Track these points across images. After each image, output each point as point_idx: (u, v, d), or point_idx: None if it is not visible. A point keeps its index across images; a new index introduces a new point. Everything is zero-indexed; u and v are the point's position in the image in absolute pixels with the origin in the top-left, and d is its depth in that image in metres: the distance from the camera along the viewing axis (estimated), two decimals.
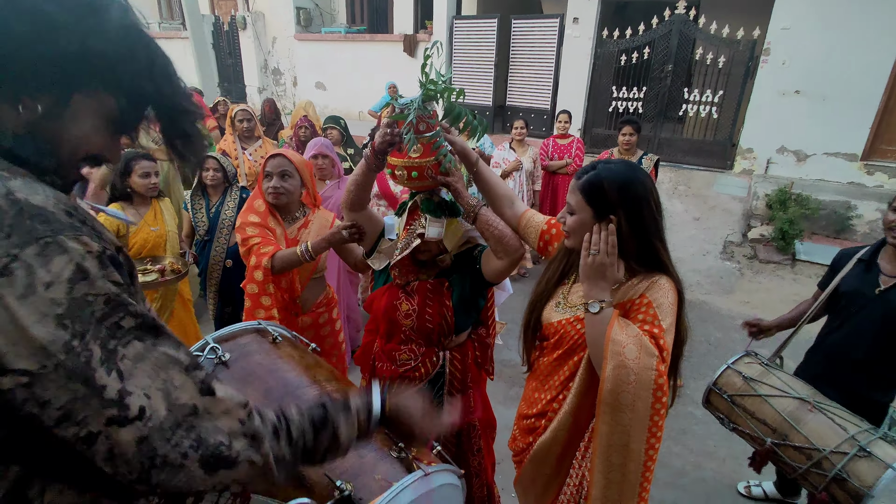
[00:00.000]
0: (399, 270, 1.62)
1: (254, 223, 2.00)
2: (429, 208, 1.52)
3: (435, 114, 1.45)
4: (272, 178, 2.05)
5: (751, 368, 1.70)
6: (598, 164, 1.26)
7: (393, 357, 1.67)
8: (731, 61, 6.45)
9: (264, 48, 11.00)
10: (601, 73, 7.50)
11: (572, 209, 1.28)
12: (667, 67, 6.95)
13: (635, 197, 1.20)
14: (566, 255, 1.38)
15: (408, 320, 1.62)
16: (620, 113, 7.43)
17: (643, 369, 1.07)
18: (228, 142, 3.94)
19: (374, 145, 1.47)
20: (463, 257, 1.64)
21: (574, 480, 1.27)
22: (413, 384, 1.65)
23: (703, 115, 6.81)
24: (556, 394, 1.32)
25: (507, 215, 1.54)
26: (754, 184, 6.21)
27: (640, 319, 1.16)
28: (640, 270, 1.24)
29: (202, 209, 3.11)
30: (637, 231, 1.20)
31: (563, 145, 4.80)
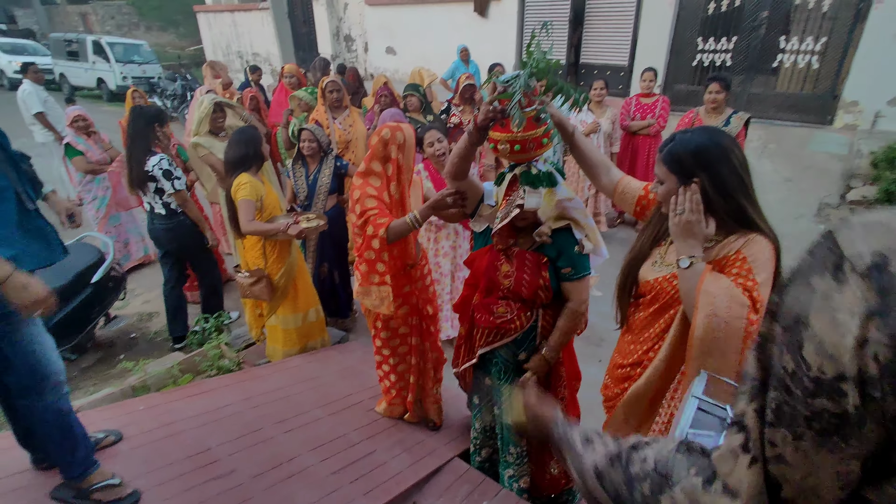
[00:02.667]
0: (500, 236, 1.74)
1: (371, 195, 2.12)
2: (528, 180, 1.61)
3: (537, 89, 1.50)
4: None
5: None
6: (676, 135, 1.34)
7: (490, 309, 1.83)
8: (838, 4, 5.83)
9: (336, 15, 11.21)
10: (686, 23, 7.02)
11: (661, 179, 1.37)
12: (762, 14, 6.40)
13: (712, 159, 1.26)
14: (661, 218, 1.46)
15: (506, 280, 1.77)
16: (706, 67, 6.98)
17: (733, 318, 1.15)
18: (320, 112, 4.22)
19: (476, 120, 1.54)
20: (562, 235, 1.73)
21: (662, 418, 1.40)
22: (508, 335, 1.83)
23: (801, 65, 6.25)
24: (652, 345, 1.44)
25: (602, 182, 1.63)
26: (858, 140, 5.70)
27: (735, 273, 1.23)
28: (736, 229, 1.29)
29: (302, 176, 3.43)
30: (721, 190, 1.26)
31: (647, 104, 4.65)
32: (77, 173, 4.64)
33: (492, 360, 1.96)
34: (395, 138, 2.13)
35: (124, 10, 22.95)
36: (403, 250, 2.23)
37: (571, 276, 1.74)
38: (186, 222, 3.48)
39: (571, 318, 1.80)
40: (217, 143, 3.83)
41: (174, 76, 12.98)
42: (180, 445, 2.15)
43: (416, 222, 2.03)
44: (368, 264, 2.14)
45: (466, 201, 1.84)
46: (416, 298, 2.37)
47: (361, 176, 2.19)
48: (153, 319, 4.36)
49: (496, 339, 1.86)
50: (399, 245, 2.18)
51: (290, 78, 5.38)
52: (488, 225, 1.85)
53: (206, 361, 3.05)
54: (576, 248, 1.72)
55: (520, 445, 2.03)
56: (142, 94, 5.22)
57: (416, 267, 2.33)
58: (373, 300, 2.17)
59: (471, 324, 1.96)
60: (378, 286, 2.14)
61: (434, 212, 1.97)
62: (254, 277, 2.96)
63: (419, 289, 2.39)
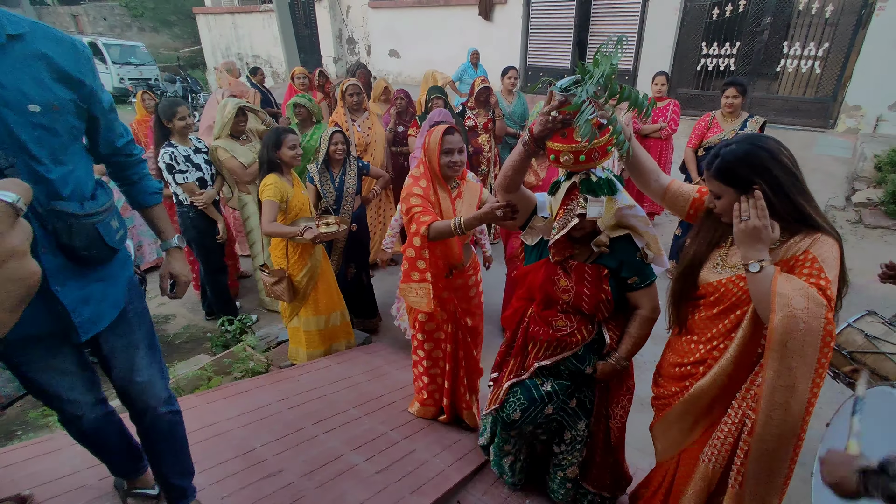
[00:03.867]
0: (556, 248, 1.68)
1: (417, 195, 2.14)
2: (589, 188, 1.54)
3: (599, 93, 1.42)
4: (453, 153, 2.17)
5: (873, 327, 1.77)
6: (720, 150, 1.37)
7: (549, 322, 1.77)
8: (839, 10, 5.97)
9: (339, 18, 11.23)
10: (690, 28, 7.15)
11: (717, 194, 1.39)
12: (765, 20, 6.53)
13: (766, 164, 1.29)
14: (714, 222, 1.48)
15: (566, 295, 1.71)
16: (710, 71, 7.11)
17: (812, 318, 1.17)
18: (339, 114, 4.24)
19: (532, 131, 1.47)
20: (621, 244, 1.67)
21: (733, 419, 1.42)
22: (568, 348, 1.77)
23: (803, 70, 6.39)
24: (717, 343, 1.45)
25: (652, 187, 1.63)
26: (861, 144, 5.83)
27: (806, 273, 1.25)
28: (799, 229, 1.31)
29: (328, 181, 3.44)
30: (779, 192, 1.29)
31: (659, 108, 4.72)
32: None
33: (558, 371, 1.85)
34: (426, 142, 2.17)
35: (116, 11, 22.73)
36: (445, 252, 2.22)
37: (639, 285, 1.70)
38: (190, 214, 3.65)
39: (645, 326, 1.75)
40: (238, 146, 3.83)
41: (173, 78, 12.94)
42: (228, 445, 2.16)
43: (459, 229, 1.98)
44: (409, 261, 2.15)
45: (517, 214, 1.77)
46: (454, 307, 2.36)
47: (412, 176, 2.22)
48: (170, 322, 4.35)
49: (556, 352, 1.79)
50: (441, 246, 2.17)
51: (302, 79, 5.40)
52: (541, 237, 1.79)
53: (236, 363, 3.05)
54: (638, 254, 1.67)
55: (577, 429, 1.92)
56: (152, 97, 5.19)
57: (459, 274, 2.31)
58: (413, 297, 2.18)
59: (524, 337, 1.89)
60: (418, 283, 2.15)
61: (481, 223, 1.92)
62: (275, 277, 2.98)
63: (459, 297, 2.37)
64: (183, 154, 3.55)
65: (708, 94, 7.17)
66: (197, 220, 3.66)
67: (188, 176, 3.53)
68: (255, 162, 3.80)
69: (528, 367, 1.87)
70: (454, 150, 2.16)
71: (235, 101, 3.79)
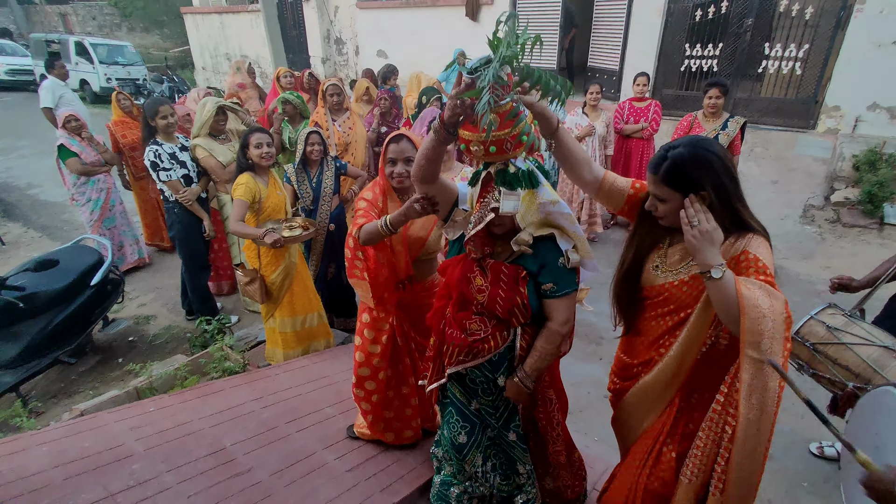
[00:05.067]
0: (474, 244, 1.54)
1: (366, 199, 2.05)
2: (504, 180, 1.42)
3: (510, 77, 1.29)
4: (396, 163, 2.00)
5: (834, 319, 1.81)
6: (668, 152, 1.33)
7: (463, 326, 1.63)
8: (819, 12, 6.04)
9: (327, 18, 11.21)
10: (674, 29, 7.19)
11: (661, 198, 1.35)
12: (747, 21, 6.59)
13: (714, 169, 1.28)
14: (653, 224, 1.45)
15: (480, 295, 1.57)
16: (693, 72, 7.16)
17: (776, 314, 1.19)
18: (320, 114, 4.24)
19: (443, 117, 1.36)
20: (546, 245, 1.55)
21: (714, 429, 1.38)
22: (480, 355, 1.61)
23: (784, 71, 6.45)
24: (663, 342, 1.47)
25: (586, 179, 1.53)
26: (840, 144, 5.90)
27: (753, 272, 1.27)
28: (733, 231, 1.33)
29: (305, 181, 3.45)
30: (722, 198, 1.29)
31: (640, 108, 4.77)
32: (70, 175, 4.59)
33: (474, 381, 1.73)
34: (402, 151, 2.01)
35: (106, 10, 22.57)
36: (390, 261, 2.06)
37: (553, 293, 1.55)
38: (176, 210, 3.67)
39: (551, 340, 1.59)
40: (217, 145, 3.83)
41: (161, 78, 12.85)
42: (198, 444, 2.16)
43: (387, 228, 1.82)
44: (348, 262, 2.08)
45: (437, 206, 1.64)
46: (403, 328, 2.17)
47: (373, 181, 2.15)
48: (151, 323, 4.33)
49: (468, 359, 1.64)
50: (383, 252, 2.02)
51: (287, 78, 5.39)
52: (463, 232, 1.64)
53: (211, 363, 3.05)
54: (560, 260, 1.53)
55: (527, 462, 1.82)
56: (127, 97, 5.15)
57: (410, 291, 2.13)
58: (362, 291, 2.09)
59: (441, 339, 1.75)
60: (358, 280, 2.08)
61: (405, 218, 1.78)
62: (248, 277, 2.98)
63: (412, 317, 2.18)
64: (168, 151, 3.56)
65: (692, 95, 7.22)
66: (182, 217, 3.68)
67: (172, 173, 3.54)
68: (234, 161, 3.81)
69: (444, 374, 1.74)
70: (397, 160, 2.00)
71: (215, 100, 3.79)
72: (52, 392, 3.44)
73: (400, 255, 2.06)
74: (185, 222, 3.73)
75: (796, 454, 2.74)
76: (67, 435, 2.12)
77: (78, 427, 2.19)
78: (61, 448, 2.03)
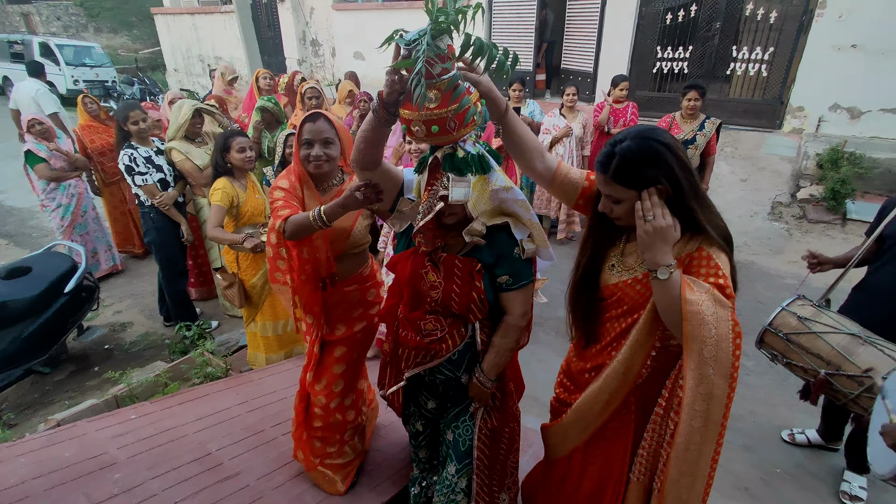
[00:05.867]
0: (423, 236, 1.42)
1: (282, 188, 1.79)
2: (452, 165, 1.29)
3: (451, 49, 1.19)
4: (313, 145, 1.76)
5: (803, 309, 1.90)
6: (615, 149, 1.20)
7: (418, 326, 1.52)
8: (783, 16, 6.28)
9: (302, 20, 11.13)
10: (645, 33, 7.38)
11: (615, 199, 1.24)
12: (715, 25, 6.81)
13: (666, 162, 1.17)
14: (608, 223, 1.35)
15: (434, 292, 1.46)
16: (665, 74, 7.35)
17: (721, 321, 1.13)
18: (299, 117, 4.22)
19: (381, 95, 1.24)
20: (500, 236, 1.44)
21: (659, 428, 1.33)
22: (438, 356, 1.52)
23: (751, 73, 6.68)
24: (615, 345, 1.39)
25: (538, 169, 1.42)
26: (804, 143, 6.14)
27: (704, 273, 1.20)
28: (687, 231, 1.24)
29: None
30: (678, 192, 1.19)
31: (619, 109, 4.89)
32: (39, 181, 4.46)
33: (433, 381, 1.63)
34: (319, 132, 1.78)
35: (71, 10, 21.91)
36: (313, 257, 1.77)
37: (510, 286, 1.45)
38: (151, 214, 3.62)
39: (510, 335, 1.50)
40: (193, 148, 3.78)
41: (132, 80, 12.57)
42: (184, 449, 2.14)
43: (319, 220, 1.61)
44: (269, 262, 1.87)
45: (382, 195, 1.48)
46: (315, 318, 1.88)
47: (286, 169, 1.89)
48: (127, 330, 4.24)
49: (425, 361, 1.54)
50: (307, 247, 1.75)
51: (266, 80, 5.34)
52: (411, 223, 1.52)
53: (193, 369, 3.01)
54: (516, 249, 1.43)
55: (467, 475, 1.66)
56: (94, 100, 5.02)
57: (338, 288, 1.88)
58: (285, 299, 1.90)
59: (396, 340, 1.65)
60: (280, 285, 1.87)
61: (344, 210, 1.59)
62: (227, 281, 2.96)
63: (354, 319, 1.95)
64: (143, 155, 3.50)
65: (665, 97, 7.42)
66: (158, 222, 3.63)
67: (148, 178, 3.49)
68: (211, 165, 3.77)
69: (402, 377, 1.63)
70: (314, 141, 1.76)
71: (192, 103, 3.74)
72: (25, 403, 3.34)
73: (320, 249, 1.78)
74: (162, 227, 3.68)
75: (769, 442, 2.86)
76: (46, 445, 2.07)
77: (57, 437, 2.14)
78: (40, 458, 1.98)
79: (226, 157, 2.95)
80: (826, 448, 2.76)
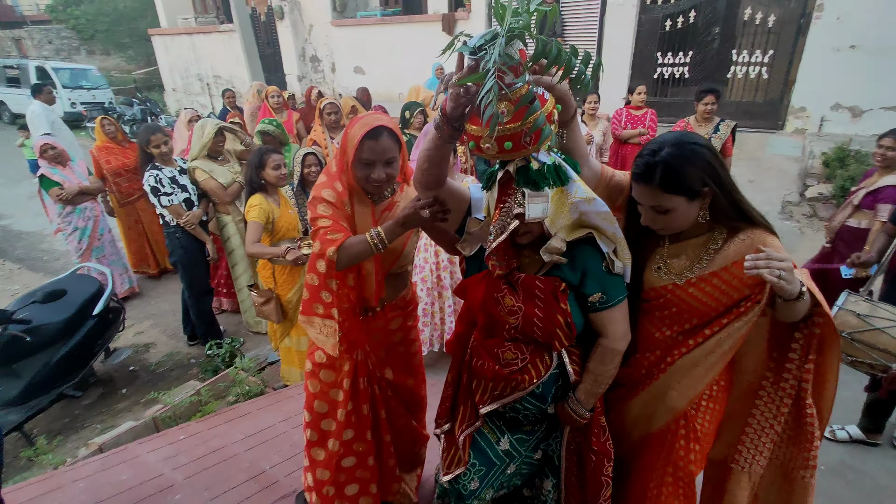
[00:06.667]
0: (497, 258, 1.28)
1: (328, 201, 1.53)
2: (527, 179, 1.16)
3: (523, 55, 1.08)
4: (374, 166, 1.50)
5: (859, 306, 1.93)
6: (654, 157, 1.19)
7: (495, 355, 1.37)
8: (781, 19, 6.41)
9: (301, 36, 11.22)
10: (645, 39, 7.50)
11: (662, 209, 1.22)
12: (714, 30, 6.94)
13: (709, 163, 1.19)
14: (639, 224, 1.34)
15: (512, 318, 1.31)
16: (666, 79, 7.46)
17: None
18: (318, 133, 4.25)
19: (445, 110, 1.13)
20: (584, 250, 1.29)
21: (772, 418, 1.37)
22: (520, 388, 1.35)
23: (752, 76, 6.80)
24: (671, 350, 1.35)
25: (584, 174, 1.35)
26: (809, 143, 6.23)
27: None
28: (739, 226, 1.26)
29: (305, 202, 3.45)
30: (724, 192, 1.21)
31: (637, 116, 4.97)
32: (55, 205, 4.45)
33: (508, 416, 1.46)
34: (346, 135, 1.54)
35: (63, 34, 21.95)
36: (360, 283, 1.60)
37: (604, 304, 1.30)
38: (177, 234, 3.62)
39: (608, 360, 1.34)
40: (216, 167, 3.80)
41: (130, 101, 12.59)
42: (237, 469, 2.13)
43: (379, 243, 1.46)
44: (311, 290, 1.61)
45: (449, 213, 1.36)
46: (367, 356, 1.70)
47: (328, 174, 1.61)
48: (150, 351, 4.22)
49: (505, 393, 1.37)
50: (354, 273, 1.58)
51: (275, 98, 5.38)
52: (482, 245, 1.38)
53: (232, 386, 3.00)
54: (604, 264, 1.28)
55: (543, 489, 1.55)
56: (112, 121, 5.02)
57: (381, 314, 1.70)
58: (315, 332, 1.65)
59: (468, 371, 1.48)
60: (322, 319, 1.61)
61: (404, 228, 1.45)
62: (263, 297, 2.96)
63: (377, 344, 1.73)
64: (168, 175, 3.52)
65: (666, 101, 7.52)
66: (184, 241, 3.63)
67: (174, 198, 3.50)
68: (235, 182, 3.78)
69: (477, 415, 1.44)
70: (376, 162, 1.50)
71: (215, 122, 3.76)
72: (56, 429, 3.30)
73: (370, 275, 1.60)
74: (188, 247, 3.68)
75: None
76: (101, 469, 2.06)
77: (110, 460, 2.13)
78: (98, 483, 1.97)
79: (260, 173, 2.97)
80: (866, 443, 2.78)
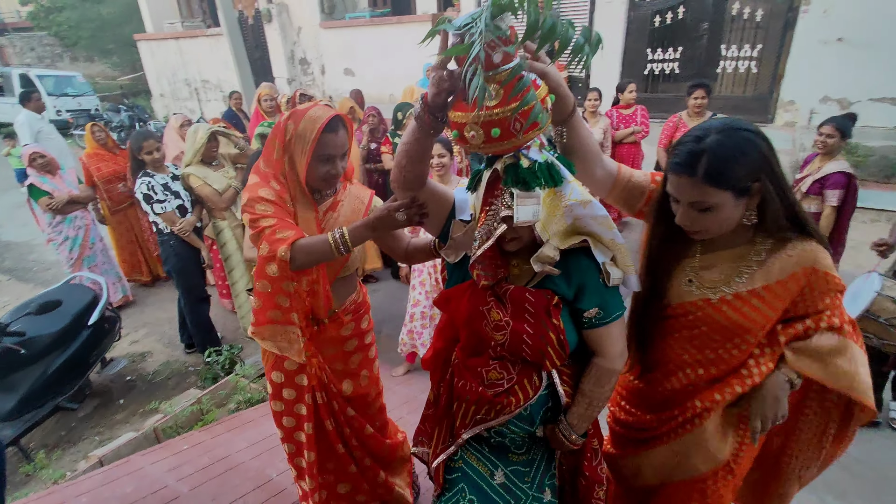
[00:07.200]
0: (483, 267, 1.15)
1: (268, 199, 1.40)
2: (517, 178, 1.04)
3: (513, 32, 0.97)
4: (335, 161, 1.43)
5: (893, 290, 1.94)
6: (699, 144, 1.03)
7: (479, 375, 1.22)
8: (768, 14, 6.47)
9: (290, 39, 11.15)
10: (635, 35, 7.54)
11: (702, 205, 1.04)
12: (702, 25, 6.99)
13: (764, 154, 1.02)
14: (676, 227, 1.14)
15: (499, 334, 1.17)
16: (656, 75, 7.51)
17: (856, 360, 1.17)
18: None
19: (426, 98, 1.02)
20: (579, 260, 1.15)
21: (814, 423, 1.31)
22: (505, 411, 1.20)
23: (741, 70, 6.86)
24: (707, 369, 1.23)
25: (598, 176, 1.22)
26: (798, 136, 6.30)
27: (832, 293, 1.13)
28: (789, 236, 1.10)
29: None
30: (779, 189, 1.04)
31: (627, 115, 4.97)
32: (45, 215, 4.37)
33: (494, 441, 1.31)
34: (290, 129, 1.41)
35: (45, 41, 21.67)
36: (311, 288, 1.46)
37: (601, 321, 1.16)
38: (171, 242, 3.56)
39: (604, 381, 1.21)
40: (211, 172, 3.74)
41: (117, 107, 12.44)
42: (244, 477, 2.10)
43: (343, 246, 1.33)
44: (264, 298, 1.43)
45: (427, 216, 1.25)
46: (320, 369, 1.56)
47: (259, 173, 1.48)
48: (147, 360, 4.15)
49: (488, 417, 1.22)
50: (308, 276, 1.43)
51: (268, 101, 5.32)
52: (466, 252, 1.20)
53: (233, 394, 2.96)
54: (601, 275, 1.15)
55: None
56: (102, 128, 4.95)
57: (332, 323, 1.57)
58: (277, 342, 1.46)
59: (448, 392, 1.33)
60: (283, 325, 1.44)
61: (374, 232, 1.34)
62: None
63: (330, 355, 1.60)
64: (160, 182, 3.46)
65: (657, 97, 7.56)
66: (178, 249, 3.57)
67: (167, 205, 3.45)
68: (230, 188, 3.73)
69: (458, 435, 1.29)
70: (335, 156, 1.43)
71: (207, 127, 3.71)
72: (52, 442, 3.24)
73: (317, 285, 1.47)
74: (182, 254, 3.62)
75: None
76: (105, 482, 2.01)
77: (112, 474, 2.09)
78: (102, 497, 1.93)
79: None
80: None
